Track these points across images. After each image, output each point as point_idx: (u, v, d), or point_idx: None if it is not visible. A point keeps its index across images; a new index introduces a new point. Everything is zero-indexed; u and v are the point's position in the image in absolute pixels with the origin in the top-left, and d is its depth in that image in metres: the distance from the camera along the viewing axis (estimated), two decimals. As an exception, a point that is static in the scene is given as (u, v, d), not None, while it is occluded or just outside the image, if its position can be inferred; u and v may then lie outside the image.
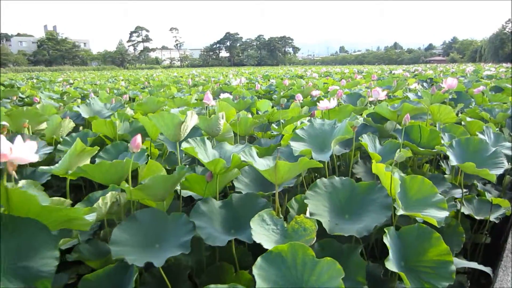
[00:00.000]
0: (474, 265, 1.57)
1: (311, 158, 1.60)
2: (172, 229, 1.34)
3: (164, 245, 1.31)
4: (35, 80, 13.61)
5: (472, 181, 2.31)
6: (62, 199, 1.37)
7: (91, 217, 1.12)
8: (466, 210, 1.91)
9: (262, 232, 1.17)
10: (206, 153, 1.58)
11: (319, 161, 1.56)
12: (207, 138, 2.47)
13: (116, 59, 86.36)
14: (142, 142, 2.55)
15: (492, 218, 1.87)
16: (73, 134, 2.43)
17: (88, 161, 1.87)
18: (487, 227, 1.97)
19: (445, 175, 2.26)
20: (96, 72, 33.33)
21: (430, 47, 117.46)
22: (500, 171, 1.74)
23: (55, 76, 17.61)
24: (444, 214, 1.28)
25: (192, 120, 1.89)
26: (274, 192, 1.67)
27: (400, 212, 1.23)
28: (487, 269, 1.58)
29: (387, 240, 1.20)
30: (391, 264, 1.13)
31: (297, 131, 1.76)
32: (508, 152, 2.20)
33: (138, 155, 1.72)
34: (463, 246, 1.72)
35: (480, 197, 2.06)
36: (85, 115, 2.93)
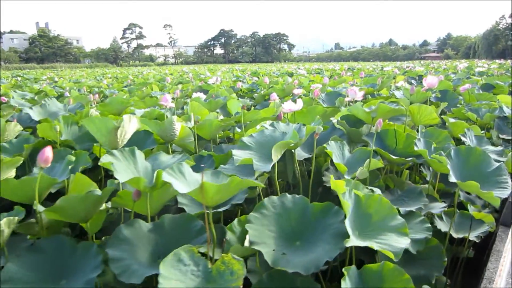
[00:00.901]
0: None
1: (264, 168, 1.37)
2: (80, 262, 1.10)
3: (71, 282, 1.07)
4: (19, 78, 13.23)
5: (454, 189, 2.10)
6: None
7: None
8: (444, 227, 1.68)
9: (177, 277, 0.93)
10: (135, 167, 1.34)
11: (265, 172, 1.33)
12: (162, 144, 2.27)
13: (110, 56, 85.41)
14: (91, 148, 2.32)
15: (472, 236, 1.64)
16: (14, 140, 2.17)
17: (12, 173, 1.64)
18: (467, 245, 1.75)
19: (424, 185, 2.05)
20: (87, 69, 32.77)
21: (425, 43, 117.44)
22: (505, 194, 1.44)
23: (41, 74, 17.19)
24: (404, 242, 1.05)
25: (131, 125, 1.65)
26: (222, 210, 1.45)
27: (351, 242, 1.00)
28: None
29: (346, 284, 0.96)
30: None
31: (244, 138, 1.53)
32: (493, 156, 2.00)
33: (63, 169, 1.48)
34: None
35: (461, 210, 1.84)
36: (36, 117, 2.67)
